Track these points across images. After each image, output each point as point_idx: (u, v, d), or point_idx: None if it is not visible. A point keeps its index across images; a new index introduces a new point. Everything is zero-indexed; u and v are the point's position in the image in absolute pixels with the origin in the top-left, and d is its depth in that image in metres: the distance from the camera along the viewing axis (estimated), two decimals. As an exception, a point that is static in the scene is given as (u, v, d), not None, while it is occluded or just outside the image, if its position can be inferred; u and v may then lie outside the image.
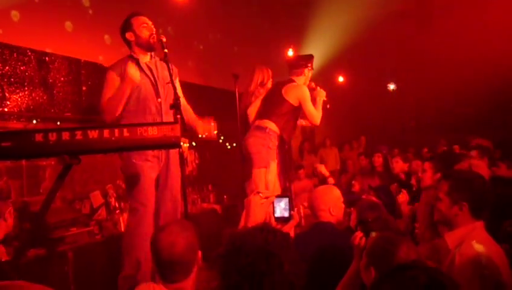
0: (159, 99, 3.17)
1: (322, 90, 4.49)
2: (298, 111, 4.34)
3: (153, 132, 1.96)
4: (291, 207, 1.79)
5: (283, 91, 4.31)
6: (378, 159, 6.10)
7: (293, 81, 4.39)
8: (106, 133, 1.92)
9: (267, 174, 4.10)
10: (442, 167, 4.26)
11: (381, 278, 1.83)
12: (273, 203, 1.77)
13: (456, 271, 2.04)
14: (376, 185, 5.22)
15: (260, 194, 1.74)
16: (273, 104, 4.32)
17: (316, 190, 3.12)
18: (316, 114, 4.32)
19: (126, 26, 3.23)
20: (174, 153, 3.17)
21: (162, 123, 2.29)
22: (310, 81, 4.53)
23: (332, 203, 2.88)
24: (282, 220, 1.76)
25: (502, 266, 2.03)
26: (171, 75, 2.91)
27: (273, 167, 4.18)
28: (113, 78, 3.08)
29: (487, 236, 2.19)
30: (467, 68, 8.65)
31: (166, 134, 1.98)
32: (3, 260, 2.68)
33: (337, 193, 3.00)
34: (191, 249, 1.77)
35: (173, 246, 1.73)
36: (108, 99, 3.01)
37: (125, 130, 1.94)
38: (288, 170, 5.59)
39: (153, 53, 3.33)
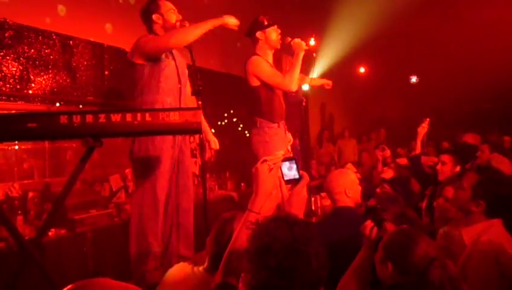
0: (179, 85, 3.17)
1: (299, 40, 3.69)
2: (265, 87, 3.77)
3: (174, 117, 1.97)
4: (298, 168, 1.73)
5: (246, 76, 3.83)
6: (387, 150, 5.93)
7: (255, 54, 3.81)
8: (129, 116, 1.94)
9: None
10: (461, 159, 4.22)
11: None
12: (280, 168, 1.73)
13: (471, 268, 2.02)
14: (390, 178, 5.16)
15: (267, 161, 1.71)
16: (247, 94, 3.90)
17: (330, 174, 3.12)
18: (280, 81, 3.68)
19: (153, 8, 3.18)
20: (187, 138, 3.18)
21: (184, 109, 2.30)
22: (286, 38, 3.80)
23: (347, 185, 2.86)
24: (293, 182, 1.71)
25: None
26: (193, 61, 2.92)
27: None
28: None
29: (505, 233, 2.17)
30: (488, 61, 8.48)
31: (188, 119, 1.99)
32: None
33: (352, 175, 2.98)
34: None
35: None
36: (176, 31, 3.05)
37: (147, 114, 1.96)
38: (306, 159, 5.58)
39: None
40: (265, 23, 3.77)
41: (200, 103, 2.65)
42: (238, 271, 1.39)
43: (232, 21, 3.16)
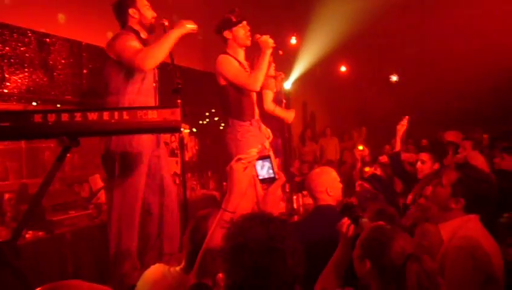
0: (154, 84, 3.12)
1: (267, 37, 3.59)
2: (233, 86, 3.69)
3: (152, 116, 1.94)
4: (273, 167, 1.70)
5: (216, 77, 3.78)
6: (366, 149, 6.00)
7: (225, 53, 3.74)
8: (106, 115, 1.90)
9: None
10: (439, 157, 4.29)
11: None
12: (255, 167, 1.70)
13: (448, 263, 2.04)
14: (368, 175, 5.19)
15: (242, 160, 1.68)
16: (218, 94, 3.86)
17: (311, 173, 3.11)
18: (245, 80, 3.60)
19: (129, 2, 3.12)
20: (163, 137, 3.14)
21: (162, 107, 2.25)
22: (256, 35, 3.68)
23: (329, 183, 2.86)
24: (268, 181, 1.68)
25: (494, 258, 2.03)
26: (172, 60, 2.88)
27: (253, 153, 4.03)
28: (132, 38, 2.99)
29: (481, 228, 2.19)
30: (468, 61, 8.61)
31: (167, 118, 1.96)
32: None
33: (333, 173, 2.97)
34: None
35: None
36: (149, 48, 2.94)
37: (124, 113, 1.92)
38: (288, 158, 5.58)
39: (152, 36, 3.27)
40: (233, 20, 3.67)
41: (179, 101, 2.61)
42: (213, 271, 1.37)
43: (189, 27, 3.09)
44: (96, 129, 1.92)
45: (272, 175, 1.68)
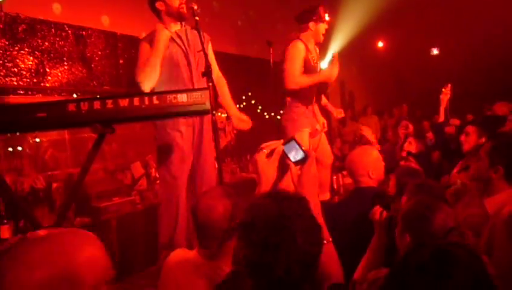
0: (189, 68, 3.13)
1: (329, 72, 3.94)
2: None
3: (182, 99, 1.95)
4: (301, 146, 1.65)
5: (283, 56, 3.99)
6: (410, 127, 5.74)
7: (299, 38, 3.97)
8: (136, 101, 1.93)
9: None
10: (487, 130, 4.08)
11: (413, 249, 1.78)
12: (283, 152, 1.65)
13: (496, 239, 1.96)
14: (416, 152, 5.05)
15: (264, 149, 1.64)
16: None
17: (352, 153, 2.99)
18: (291, 76, 3.82)
19: None
20: (208, 122, 3.16)
21: (191, 90, 2.27)
22: (334, 54, 4.04)
23: (371, 165, 2.73)
24: (300, 162, 1.63)
25: None
26: (202, 43, 2.87)
27: (305, 133, 4.08)
28: (145, 48, 3.03)
29: None
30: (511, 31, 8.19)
31: (196, 101, 1.97)
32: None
33: (375, 153, 2.84)
34: (228, 216, 1.76)
35: (210, 210, 1.73)
36: (141, 67, 2.95)
37: (154, 97, 1.95)
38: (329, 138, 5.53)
39: (183, 22, 3.28)
40: (322, 17, 3.99)
41: (210, 84, 2.61)
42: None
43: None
44: (128, 115, 1.96)
45: (303, 155, 1.63)
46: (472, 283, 1.01)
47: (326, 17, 4.11)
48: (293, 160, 1.63)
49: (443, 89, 4.56)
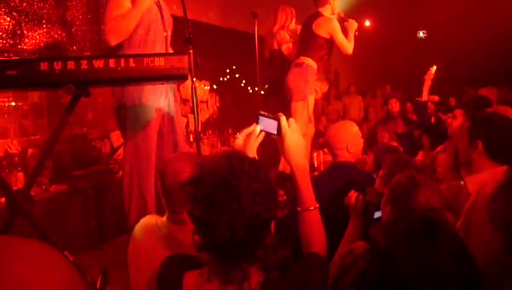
0: (165, 33, 3.02)
1: (353, 21, 4.53)
2: (331, 44, 4.46)
3: (159, 63, 1.90)
4: (269, 117, 1.59)
5: (313, 26, 4.41)
6: (395, 105, 5.79)
7: (321, 14, 4.45)
8: (112, 63, 1.87)
9: (306, 106, 4.31)
10: (473, 113, 4.10)
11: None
12: (262, 131, 1.61)
13: (475, 219, 1.95)
14: (401, 132, 5.10)
15: (238, 135, 1.61)
16: (307, 40, 4.47)
17: (332, 127, 3.00)
18: (347, 44, 4.42)
19: None
20: (176, 96, 3.10)
21: (169, 54, 2.22)
22: (339, 12, 4.64)
23: (350, 140, 2.74)
24: (278, 130, 1.57)
25: None
26: (184, 10, 2.79)
27: (311, 100, 4.40)
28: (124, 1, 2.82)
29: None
30: (499, 15, 8.20)
31: (174, 65, 1.91)
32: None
33: (354, 128, 2.83)
34: None
35: (177, 174, 1.70)
36: (115, 18, 2.77)
37: (131, 60, 1.89)
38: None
39: None
40: None
41: (191, 51, 2.55)
42: None
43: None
44: (102, 77, 1.90)
45: (276, 121, 1.57)
46: (458, 248, 1.03)
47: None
48: (275, 132, 1.58)
49: (429, 69, 4.61)
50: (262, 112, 1.57)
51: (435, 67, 4.63)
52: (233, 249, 1.19)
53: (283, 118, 1.53)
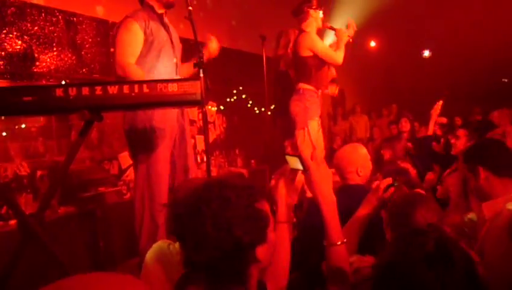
0: (174, 60, 3.06)
1: (342, 29, 4.32)
2: (317, 58, 4.25)
3: (173, 89, 1.92)
4: (293, 154, 1.65)
5: (296, 47, 4.33)
6: (405, 124, 5.82)
7: (303, 30, 4.31)
8: (126, 88, 1.89)
9: (307, 133, 4.18)
10: (476, 135, 4.09)
11: (390, 243, 1.78)
12: (292, 170, 1.63)
13: (489, 243, 1.93)
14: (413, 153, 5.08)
15: (279, 176, 1.64)
16: (297, 64, 4.37)
17: (340, 150, 2.97)
18: (332, 55, 4.20)
19: None
20: (187, 120, 3.12)
21: (182, 79, 2.24)
22: (325, 23, 4.46)
23: (360, 163, 2.72)
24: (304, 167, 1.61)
25: None
26: (195, 33, 2.82)
27: (313, 124, 4.24)
28: (136, 31, 2.86)
29: None
30: (503, 35, 8.24)
31: (187, 91, 1.94)
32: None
33: (363, 151, 2.82)
34: None
35: None
36: (129, 65, 2.81)
37: (145, 86, 1.91)
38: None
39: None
40: (317, 3, 4.31)
41: (202, 76, 2.57)
42: None
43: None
44: (117, 103, 1.92)
45: (300, 159, 1.61)
46: (469, 269, 1.06)
47: (321, 14, 4.37)
48: (301, 168, 1.62)
49: (436, 103, 4.60)
50: (287, 152, 1.63)
51: (441, 102, 4.60)
52: (210, 270, 1.20)
53: (304, 154, 1.56)
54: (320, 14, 4.35)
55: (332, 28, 4.39)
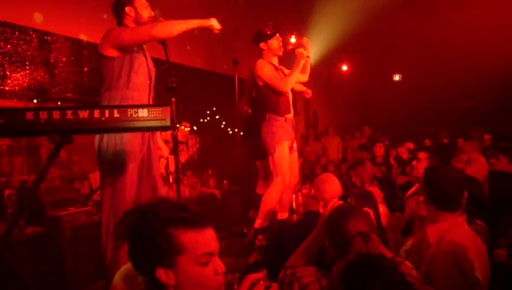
0: (149, 81, 3.09)
1: (300, 50, 4.17)
2: (269, 86, 4.17)
3: (143, 114, 1.97)
4: None
5: (253, 77, 4.23)
6: (379, 150, 5.99)
7: (260, 57, 4.22)
8: (96, 113, 1.93)
9: (276, 158, 4.10)
10: (438, 158, 4.24)
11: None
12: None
13: (436, 268, 2.04)
14: (380, 176, 5.21)
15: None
16: (256, 94, 4.28)
17: (318, 182, 3.03)
18: (276, 83, 4.09)
19: (126, 0, 3.10)
20: (156, 142, 3.17)
21: (152, 105, 2.28)
22: (287, 46, 4.38)
23: (338, 192, 2.82)
24: None
25: (479, 263, 2.00)
26: (167, 57, 2.89)
27: (280, 149, 4.11)
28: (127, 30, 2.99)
29: (468, 232, 2.17)
30: (472, 60, 8.57)
31: (157, 116, 1.98)
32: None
33: (336, 180, 2.95)
34: None
35: None
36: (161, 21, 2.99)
37: (115, 111, 1.95)
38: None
39: None
40: (268, 33, 4.17)
41: (173, 100, 2.63)
42: None
43: (216, 25, 3.21)
44: (87, 127, 1.95)
45: None
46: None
47: (270, 32, 4.18)
48: None
49: None
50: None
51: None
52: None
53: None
54: (274, 43, 4.17)
55: (293, 50, 4.29)
